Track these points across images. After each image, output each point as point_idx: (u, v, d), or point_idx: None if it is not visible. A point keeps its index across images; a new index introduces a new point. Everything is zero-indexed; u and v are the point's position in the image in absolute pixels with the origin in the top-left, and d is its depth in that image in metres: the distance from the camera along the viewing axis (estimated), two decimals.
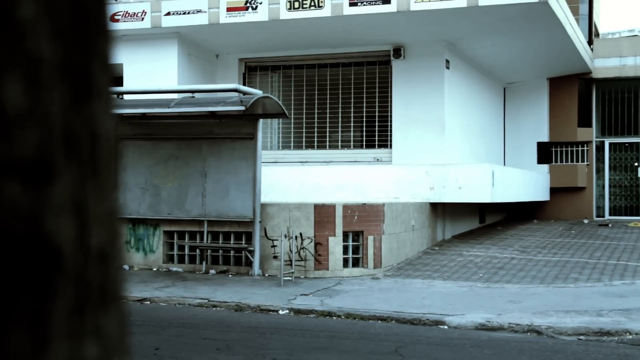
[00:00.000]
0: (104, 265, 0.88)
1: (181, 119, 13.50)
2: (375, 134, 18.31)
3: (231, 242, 13.55)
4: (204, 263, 13.58)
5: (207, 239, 13.56)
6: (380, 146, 18.23)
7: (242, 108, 12.04)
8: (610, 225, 20.20)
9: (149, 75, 16.79)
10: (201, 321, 9.24)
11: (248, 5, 16.20)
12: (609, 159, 22.50)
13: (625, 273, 13.09)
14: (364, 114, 18.46)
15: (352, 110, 18.59)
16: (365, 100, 18.39)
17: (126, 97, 14.03)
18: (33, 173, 0.80)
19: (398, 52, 17.54)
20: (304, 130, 18.95)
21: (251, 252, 12.94)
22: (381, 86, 18.23)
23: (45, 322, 0.80)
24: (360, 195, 15.70)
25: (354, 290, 11.50)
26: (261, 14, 16.11)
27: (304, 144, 18.99)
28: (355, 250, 13.10)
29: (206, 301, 10.58)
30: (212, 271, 13.42)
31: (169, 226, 13.95)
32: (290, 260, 12.70)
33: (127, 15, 16.88)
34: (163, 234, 13.95)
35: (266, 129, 18.47)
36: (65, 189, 0.83)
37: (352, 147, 18.58)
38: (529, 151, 22.55)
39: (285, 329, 8.81)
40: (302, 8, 15.79)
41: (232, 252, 13.50)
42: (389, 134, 18.05)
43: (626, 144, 22.44)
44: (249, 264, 13.12)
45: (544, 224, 20.77)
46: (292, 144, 19.15)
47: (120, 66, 17.08)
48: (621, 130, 22.54)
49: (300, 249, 12.84)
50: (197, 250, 13.63)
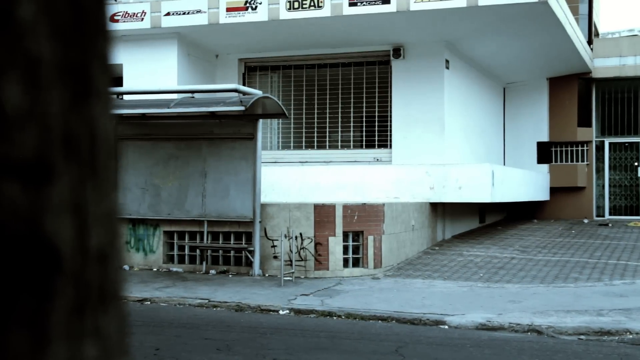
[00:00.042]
0: (104, 266, 0.88)
1: (181, 119, 13.50)
2: (375, 134, 18.32)
3: (231, 242, 13.56)
4: (204, 263, 13.58)
5: (207, 239, 13.56)
6: (380, 146, 18.24)
7: (242, 108, 12.04)
8: (610, 225, 20.20)
9: (149, 76, 16.79)
10: (201, 321, 9.24)
11: (248, 5, 16.20)
12: (609, 158, 22.51)
13: (626, 273, 13.09)
14: (364, 114, 18.46)
15: (352, 110, 18.59)
16: (365, 100, 18.40)
17: (126, 97, 14.03)
18: (32, 173, 0.80)
19: (398, 52, 17.55)
20: (303, 130, 18.95)
21: (251, 252, 12.94)
22: (381, 86, 18.23)
23: (44, 323, 0.80)
24: (360, 195, 15.70)
25: (354, 290, 11.50)
26: (261, 14, 16.11)
27: (303, 144, 18.99)
28: (356, 250, 13.10)
29: (206, 301, 10.58)
30: (212, 271, 13.42)
31: (169, 226, 13.95)
32: (291, 260, 12.70)
33: (126, 15, 16.88)
34: (163, 234, 13.96)
35: (266, 129, 18.47)
36: (64, 189, 0.83)
37: (352, 147, 18.58)
38: (529, 151, 22.56)
39: (285, 329, 8.80)
40: (302, 8, 15.79)
41: (232, 252, 13.50)
42: (388, 134, 18.05)
43: (626, 144, 22.44)
44: (249, 264, 13.12)
45: (544, 223, 20.77)
46: (292, 144, 19.15)
47: (120, 66, 17.08)
48: (621, 130, 22.54)
49: (301, 249, 12.84)
50: (197, 251, 13.63)
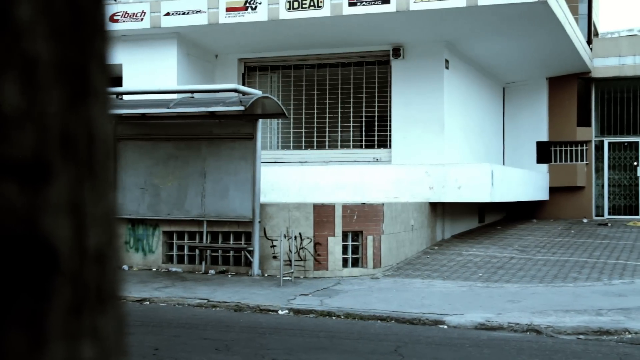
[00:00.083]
0: (101, 266, 0.88)
1: (180, 119, 13.50)
2: (375, 134, 18.32)
3: (230, 242, 13.55)
4: (203, 263, 13.58)
5: (206, 239, 13.56)
6: (379, 146, 18.24)
7: (242, 108, 12.03)
8: (609, 225, 20.20)
9: (149, 76, 16.79)
10: (200, 321, 9.24)
11: (247, 5, 16.20)
12: (608, 158, 22.51)
13: (625, 272, 13.09)
14: (364, 114, 18.47)
15: (352, 110, 18.59)
16: (364, 100, 18.40)
17: (125, 97, 14.03)
18: (30, 173, 0.80)
19: (397, 52, 17.55)
20: (303, 130, 18.95)
21: (250, 252, 12.93)
22: (380, 86, 18.23)
23: (42, 323, 0.80)
24: (359, 195, 15.70)
25: (353, 290, 11.50)
26: (260, 14, 16.11)
27: (303, 144, 18.99)
28: (355, 250, 13.10)
29: (205, 301, 10.58)
30: (212, 271, 13.41)
31: (168, 226, 13.94)
32: (290, 260, 12.70)
33: (126, 15, 16.88)
34: (162, 234, 13.95)
35: (265, 129, 18.47)
36: (62, 189, 0.83)
37: (351, 147, 18.58)
38: (528, 151, 22.56)
39: (284, 329, 8.81)
40: (302, 8, 15.79)
41: (231, 252, 13.50)
42: (388, 134, 18.05)
43: (625, 144, 22.45)
44: (249, 264, 13.12)
45: (543, 223, 20.77)
46: (291, 144, 19.15)
47: (119, 66, 17.08)
48: (620, 130, 22.55)
49: (300, 249, 12.84)
50: (197, 251, 13.63)
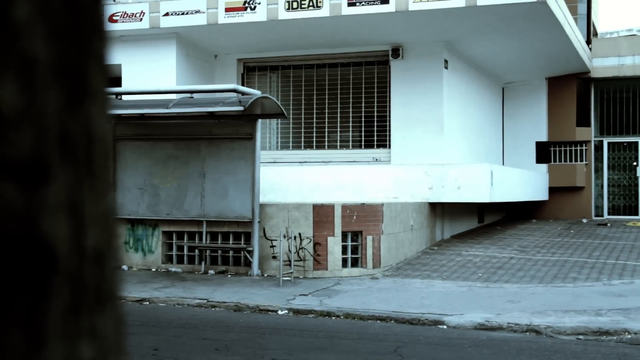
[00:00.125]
0: (100, 266, 0.88)
1: (180, 119, 13.49)
2: (374, 134, 18.32)
3: (230, 242, 13.55)
4: (202, 263, 13.58)
5: (206, 239, 13.56)
6: (379, 146, 18.24)
7: (241, 108, 12.03)
8: (609, 225, 20.21)
9: (148, 76, 16.79)
10: (200, 321, 9.24)
11: (246, 5, 16.20)
12: (608, 158, 22.52)
13: (624, 272, 13.10)
14: (363, 114, 18.47)
15: (351, 110, 18.59)
16: (363, 100, 18.40)
17: (125, 97, 14.02)
18: (28, 173, 0.80)
19: (396, 52, 17.55)
20: (302, 130, 18.95)
21: (250, 253, 12.93)
22: (380, 86, 18.23)
23: (40, 323, 0.80)
24: (359, 195, 15.70)
25: (353, 290, 11.50)
26: (260, 14, 16.11)
27: (302, 144, 18.99)
28: (354, 250, 13.10)
29: (205, 301, 10.58)
30: (211, 271, 13.41)
31: (167, 226, 13.94)
32: (289, 261, 12.69)
33: (125, 15, 16.88)
34: (162, 234, 13.95)
35: (265, 129, 18.47)
36: (60, 189, 0.83)
37: (350, 147, 18.59)
38: (528, 151, 22.57)
39: (284, 329, 8.80)
40: (301, 8, 15.79)
41: (231, 253, 13.50)
42: (387, 134, 18.05)
43: (625, 144, 22.45)
44: (248, 264, 13.12)
45: (543, 223, 20.78)
46: (290, 144, 19.15)
47: (118, 66, 17.08)
48: (620, 130, 22.56)
49: (299, 249, 12.84)
50: (196, 251, 13.63)
